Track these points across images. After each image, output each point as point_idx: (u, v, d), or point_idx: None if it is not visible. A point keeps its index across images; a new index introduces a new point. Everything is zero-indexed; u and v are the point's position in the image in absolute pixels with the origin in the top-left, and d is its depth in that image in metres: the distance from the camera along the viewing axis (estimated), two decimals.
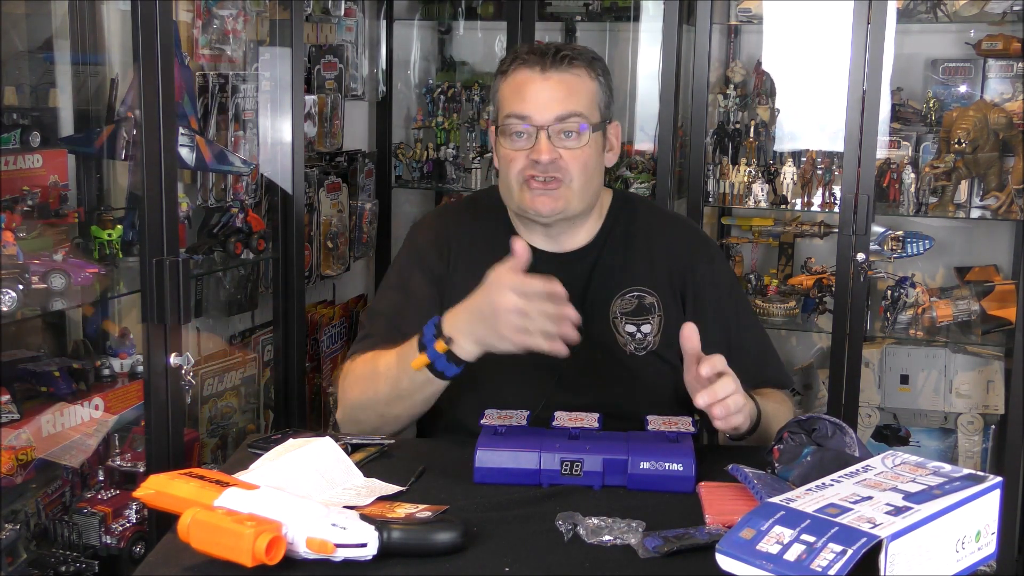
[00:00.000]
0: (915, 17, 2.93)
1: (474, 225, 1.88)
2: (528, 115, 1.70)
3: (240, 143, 2.47)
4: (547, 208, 1.72)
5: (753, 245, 3.32)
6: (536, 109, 1.70)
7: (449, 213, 2.07)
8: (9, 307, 1.78)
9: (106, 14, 2.20)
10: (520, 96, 1.71)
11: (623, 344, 1.76)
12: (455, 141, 3.36)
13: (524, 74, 1.72)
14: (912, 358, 3.08)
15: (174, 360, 1.96)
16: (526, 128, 1.70)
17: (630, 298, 1.78)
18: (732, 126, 3.12)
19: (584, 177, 1.73)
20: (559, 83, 1.71)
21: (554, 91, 1.70)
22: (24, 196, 1.98)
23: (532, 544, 1.25)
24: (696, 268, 1.81)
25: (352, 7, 3.14)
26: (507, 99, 1.74)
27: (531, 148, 1.70)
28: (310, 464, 1.40)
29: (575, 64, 1.73)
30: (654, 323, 1.77)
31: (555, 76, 1.71)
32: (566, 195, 1.72)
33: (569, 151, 1.71)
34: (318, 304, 3.15)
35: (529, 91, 1.71)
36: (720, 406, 1.46)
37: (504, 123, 1.73)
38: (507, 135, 1.73)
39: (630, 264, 1.80)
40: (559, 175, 1.70)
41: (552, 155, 1.69)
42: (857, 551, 1.00)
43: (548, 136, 1.69)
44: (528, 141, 1.71)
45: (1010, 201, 2.87)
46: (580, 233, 1.81)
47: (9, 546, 1.91)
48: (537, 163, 1.69)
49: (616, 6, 3.23)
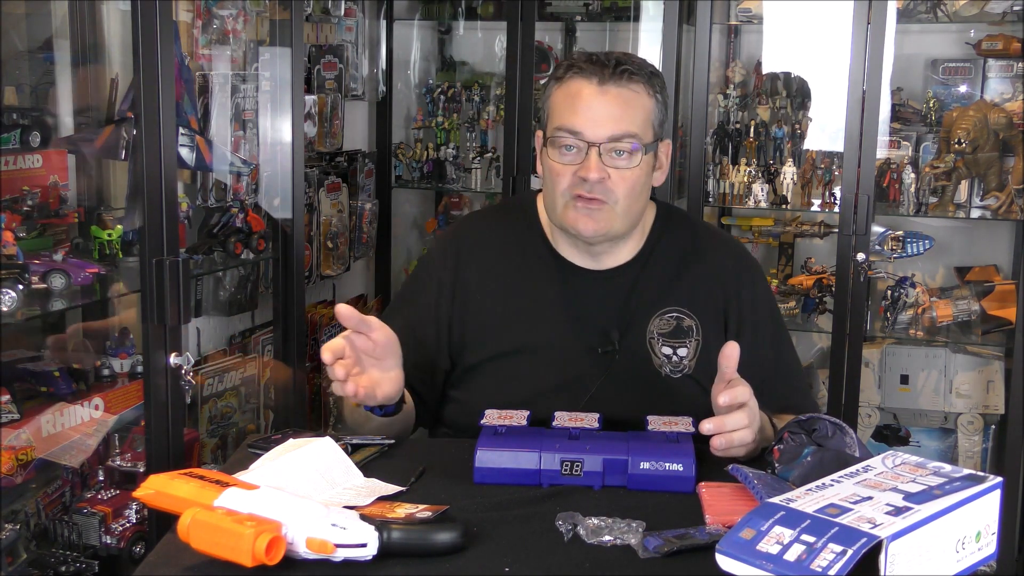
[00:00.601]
0: (915, 17, 2.93)
1: (501, 229, 1.84)
2: (580, 131, 1.63)
3: (240, 143, 2.47)
4: (589, 230, 1.66)
5: (753, 245, 3.32)
6: (589, 125, 1.63)
7: (474, 216, 2.04)
8: (9, 307, 1.78)
9: (106, 14, 2.20)
10: (573, 108, 1.64)
11: (658, 366, 1.72)
12: (455, 141, 3.36)
13: (579, 84, 1.64)
14: (912, 358, 3.08)
15: (174, 360, 1.96)
16: (577, 143, 1.64)
17: (669, 319, 1.73)
18: (732, 126, 3.12)
19: (630, 200, 1.67)
20: (616, 99, 1.63)
21: (610, 107, 1.63)
22: (24, 196, 1.98)
23: (532, 544, 1.25)
24: (741, 293, 1.77)
25: (352, 7, 3.14)
26: (559, 109, 1.66)
27: (580, 164, 1.64)
28: (310, 464, 1.40)
29: (634, 79, 1.64)
30: (691, 346, 1.72)
31: (613, 90, 1.63)
32: (609, 217, 1.66)
33: (618, 171, 1.64)
34: (318, 304, 3.15)
35: (583, 104, 1.63)
36: (723, 439, 1.44)
37: (554, 135, 1.66)
38: (556, 147, 1.66)
39: (671, 284, 1.75)
40: (604, 197, 1.65)
41: (601, 174, 1.63)
42: (857, 551, 1.00)
43: (599, 154, 1.63)
44: (578, 156, 1.64)
45: (1010, 201, 2.87)
46: (622, 251, 1.76)
47: (9, 546, 1.91)
48: (584, 181, 1.63)
49: (616, 6, 3.23)
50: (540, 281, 1.76)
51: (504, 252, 1.80)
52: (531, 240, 1.79)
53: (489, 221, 1.91)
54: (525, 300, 1.76)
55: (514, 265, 1.78)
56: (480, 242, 1.82)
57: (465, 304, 1.77)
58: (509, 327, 1.74)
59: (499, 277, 1.78)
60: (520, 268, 1.78)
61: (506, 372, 1.73)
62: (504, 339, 1.74)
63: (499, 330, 1.75)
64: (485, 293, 1.77)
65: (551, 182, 1.69)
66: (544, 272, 1.77)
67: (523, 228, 1.81)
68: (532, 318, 1.74)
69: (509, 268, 1.78)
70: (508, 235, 1.82)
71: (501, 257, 1.79)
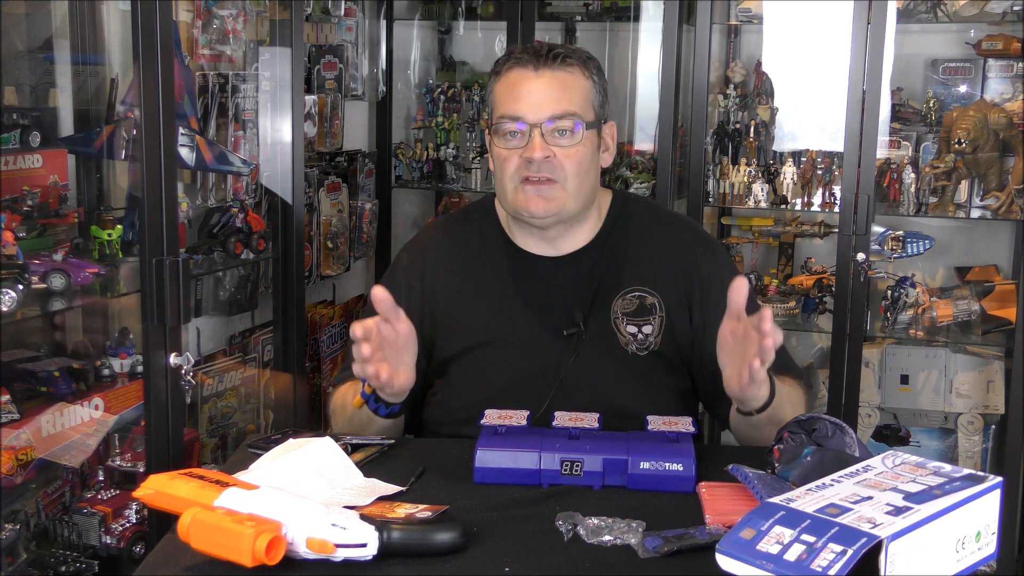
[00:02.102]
0: (915, 17, 2.93)
1: (462, 230, 1.89)
2: (521, 115, 1.69)
3: (240, 143, 2.47)
4: (541, 209, 1.71)
5: (753, 245, 3.32)
6: (529, 108, 1.69)
7: (436, 223, 2.10)
8: (9, 307, 1.78)
9: (106, 14, 2.20)
10: (513, 95, 1.71)
11: (624, 344, 1.76)
12: (455, 141, 3.36)
13: (517, 73, 1.71)
14: (912, 358, 3.08)
15: (174, 360, 1.96)
16: (519, 128, 1.69)
17: (631, 298, 1.77)
18: (732, 126, 3.12)
19: (579, 177, 1.72)
20: (552, 80, 1.70)
21: (547, 89, 1.70)
22: (24, 196, 1.98)
23: (532, 544, 1.25)
24: (700, 265, 1.81)
25: (352, 7, 3.14)
26: (500, 99, 1.73)
27: (524, 147, 1.69)
28: (310, 464, 1.40)
29: (568, 62, 1.72)
30: (655, 323, 1.77)
31: (548, 74, 1.70)
32: (560, 196, 1.71)
33: (563, 150, 1.70)
34: (318, 304, 3.15)
35: (522, 90, 1.70)
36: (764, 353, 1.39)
37: (497, 123, 1.72)
38: (500, 135, 1.72)
39: (630, 264, 1.80)
40: (553, 175, 1.69)
41: (545, 152, 1.68)
42: (857, 551, 1.00)
43: (542, 134, 1.68)
44: (521, 140, 1.70)
45: (1010, 201, 2.87)
46: (578, 235, 1.81)
47: (9, 546, 1.91)
48: (531, 162, 1.68)
49: (616, 6, 3.23)
50: (502, 274, 1.81)
51: (466, 251, 1.85)
52: (490, 236, 1.85)
53: (450, 225, 1.98)
54: (489, 294, 1.81)
55: (476, 262, 1.83)
56: (443, 245, 1.88)
57: (434, 304, 1.82)
58: (476, 321, 1.79)
59: (463, 275, 1.83)
60: (482, 263, 1.83)
61: (477, 365, 1.77)
62: (472, 333, 1.79)
63: (467, 325, 1.79)
64: (451, 292, 1.82)
65: (499, 169, 1.74)
66: (505, 264, 1.82)
67: (482, 226, 1.86)
68: (497, 310, 1.79)
69: (472, 265, 1.83)
70: (469, 235, 1.87)
71: (463, 256, 1.85)
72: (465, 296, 1.81)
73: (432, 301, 1.82)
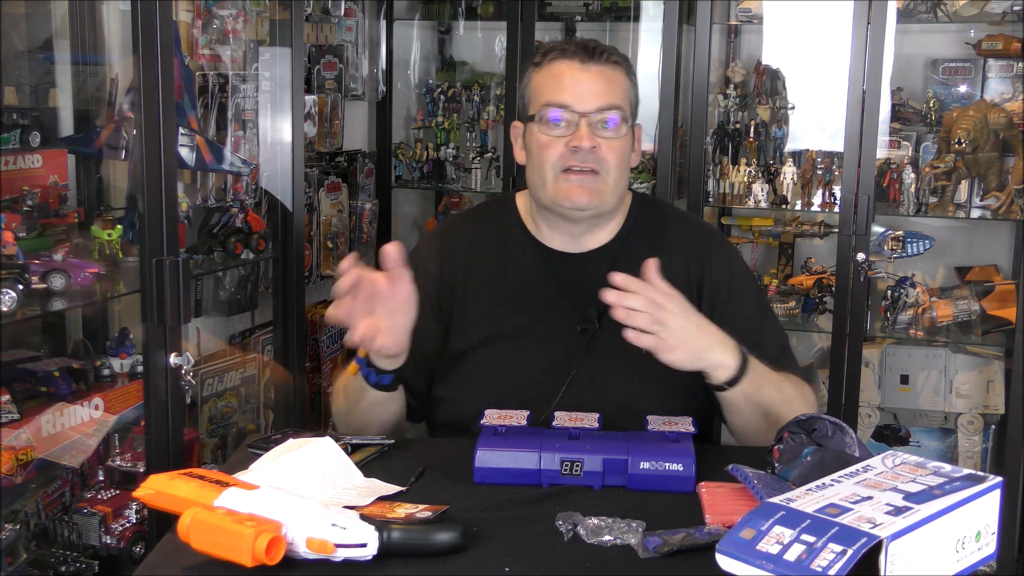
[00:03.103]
0: (915, 17, 2.93)
1: (482, 224, 1.88)
2: (569, 103, 1.68)
3: (240, 143, 2.47)
4: (584, 200, 1.70)
5: (753, 245, 3.32)
6: (577, 98, 1.68)
7: (455, 223, 2.07)
8: (9, 307, 1.78)
9: (106, 14, 2.20)
10: (560, 85, 1.69)
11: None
12: (455, 141, 3.36)
13: (563, 64, 1.71)
14: (912, 358, 3.08)
15: (174, 360, 1.96)
16: (566, 116, 1.69)
17: None
18: (732, 126, 3.12)
19: (619, 170, 1.72)
20: (599, 74, 1.70)
21: (595, 82, 1.69)
22: (24, 196, 1.98)
23: (532, 544, 1.25)
24: (712, 264, 1.80)
25: (352, 7, 3.14)
26: (544, 88, 1.71)
27: (571, 135, 1.68)
28: (310, 464, 1.40)
29: (613, 59, 1.72)
30: None
31: (595, 68, 1.70)
32: (602, 188, 1.71)
33: (607, 142, 1.69)
34: (318, 304, 3.15)
35: (569, 80, 1.69)
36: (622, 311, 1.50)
37: (541, 111, 1.70)
38: (544, 123, 1.70)
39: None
40: (597, 166, 1.69)
41: (593, 142, 1.67)
42: (857, 551, 1.00)
43: (589, 124, 1.68)
44: (567, 130, 1.69)
45: (1010, 201, 2.87)
46: (602, 232, 1.80)
47: (9, 546, 1.91)
48: (577, 150, 1.67)
49: (616, 6, 3.23)
50: (521, 268, 1.81)
51: (486, 244, 1.84)
52: (511, 231, 1.84)
53: (470, 218, 1.99)
54: (508, 287, 1.80)
55: (496, 255, 1.83)
56: (463, 238, 1.87)
57: (451, 295, 1.81)
58: (494, 314, 1.78)
59: (482, 267, 1.82)
60: (502, 257, 1.82)
61: (494, 358, 1.76)
62: (489, 326, 1.78)
63: (484, 318, 1.78)
64: (469, 284, 1.81)
65: (539, 158, 1.72)
66: (525, 259, 1.81)
67: (503, 221, 1.86)
68: (516, 304, 1.79)
69: (491, 258, 1.83)
70: (489, 229, 1.87)
71: (483, 249, 1.84)
72: (483, 289, 1.80)
73: (449, 290, 1.80)
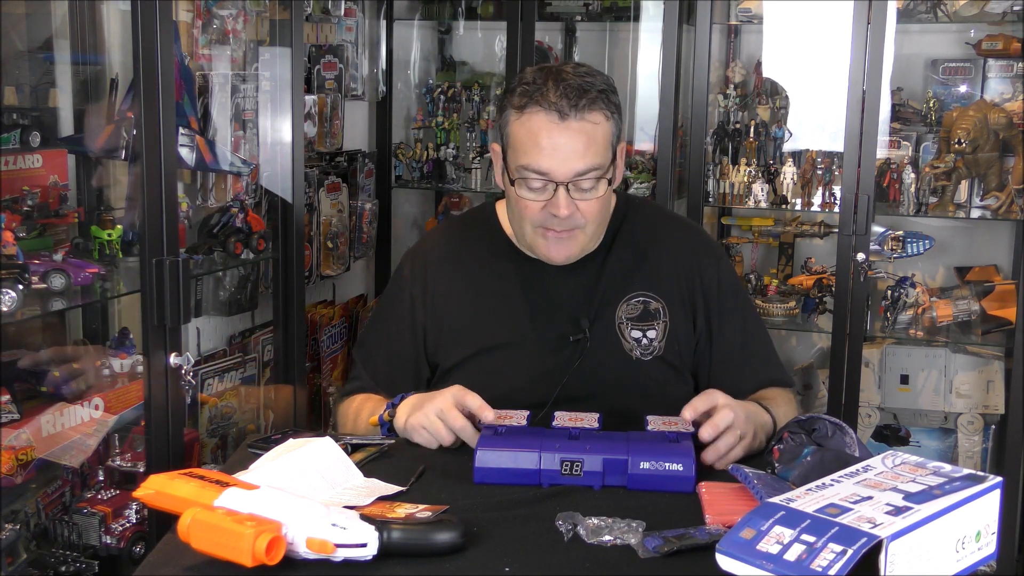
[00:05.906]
0: (915, 17, 2.93)
1: (464, 237, 1.89)
2: (547, 171, 1.64)
3: (240, 143, 2.47)
4: (562, 256, 1.73)
5: (753, 245, 3.32)
6: (555, 165, 1.64)
7: (438, 230, 2.09)
8: (9, 307, 1.78)
9: (106, 14, 2.20)
10: (537, 146, 1.64)
11: (629, 349, 1.76)
12: (455, 141, 3.36)
13: (540, 120, 1.64)
14: (912, 358, 3.08)
15: (174, 360, 1.96)
16: (544, 181, 1.66)
17: (635, 303, 1.77)
18: (732, 126, 3.12)
19: (598, 220, 1.73)
20: (578, 133, 1.64)
21: (573, 143, 1.64)
22: (24, 196, 1.97)
23: (532, 544, 1.25)
24: (704, 273, 1.81)
25: (352, 7, 3.14)
26: (522, 145, 1.67)
27: (548, 201, 1.66)
28: (310, 464, 1.40)
29: (593, 108, 1.65)
30: (659, 328, 1.76)
31: (575, 125, 1.63)
32: (581, 239, 1.72)
33: (586, 202, 1.68)
34: (318, 304, 3.15)
35: (546, 142, 1.64)
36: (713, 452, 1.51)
37: (520, 174, 1.67)
38: (522, 185, 1.68)
39: (635, 270, 1.80)
40: (575, 225, 1.70)
41: (570, 210, 1.66)
42: (857, 551, 1.00)
43: (567, 190, 1.65)
44: (545, 193, 1.67)
45: (1010, 201, 2.87)
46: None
47: (9, 546, 1.91)
48: (555, 217, 1.67)
49: (616, 6, 3.23)
50: (506, 280, 1.81)
51: (469, 258, 1.85)
52: (494, 243, 1.84)
53: (452, 232, 1.97)
54: (494, 299, 1.81)
55: (480, 268, 1.83)
56: (446, 252, 1.87)
57: (437, 312, 1.82)
58: (481, 327, 1.79)
59: (466, 282, 1.83)
60: (486, 270, 1.83)
61: (483, 370, 1.77)
62: (477, 339, 1.79)
63: (472, 331, 1.79)
64: (455, 299, 1.82)
65: (519, 213, 1.72)
66: (509, 269, 1.82)
67: (486, 233, 1.86)
68: (502, 316, 1.79)
69: (475, 271, 1.83)
70: (472, 242, 1.87)
71: (467, 263, 1.84)
72: (469, 302, 1.81)
73: (434, 309, 1.82)
